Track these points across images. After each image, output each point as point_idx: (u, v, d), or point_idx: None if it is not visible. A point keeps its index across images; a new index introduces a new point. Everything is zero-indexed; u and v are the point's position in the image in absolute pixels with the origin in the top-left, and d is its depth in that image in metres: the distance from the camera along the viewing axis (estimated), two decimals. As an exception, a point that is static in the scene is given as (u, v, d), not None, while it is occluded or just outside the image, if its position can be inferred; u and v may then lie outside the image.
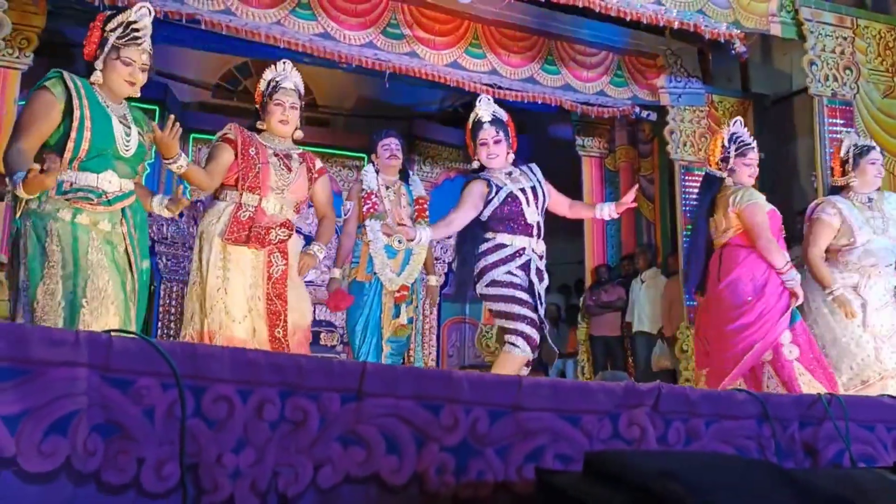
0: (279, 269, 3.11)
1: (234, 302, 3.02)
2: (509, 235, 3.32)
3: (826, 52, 6.15)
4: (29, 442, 1.33)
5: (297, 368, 1.62)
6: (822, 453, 2.02)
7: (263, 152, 3.17)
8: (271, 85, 3.26)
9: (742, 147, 3.66)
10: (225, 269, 3.04)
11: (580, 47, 6.87)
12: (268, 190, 3.12)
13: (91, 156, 2.52)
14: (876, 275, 3.64)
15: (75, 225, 2.49)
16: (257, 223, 3.07)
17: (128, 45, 2.62)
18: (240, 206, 3.09)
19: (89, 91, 2.56)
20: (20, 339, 1.36)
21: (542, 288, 3.35)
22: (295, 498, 1.55)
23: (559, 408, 1.79)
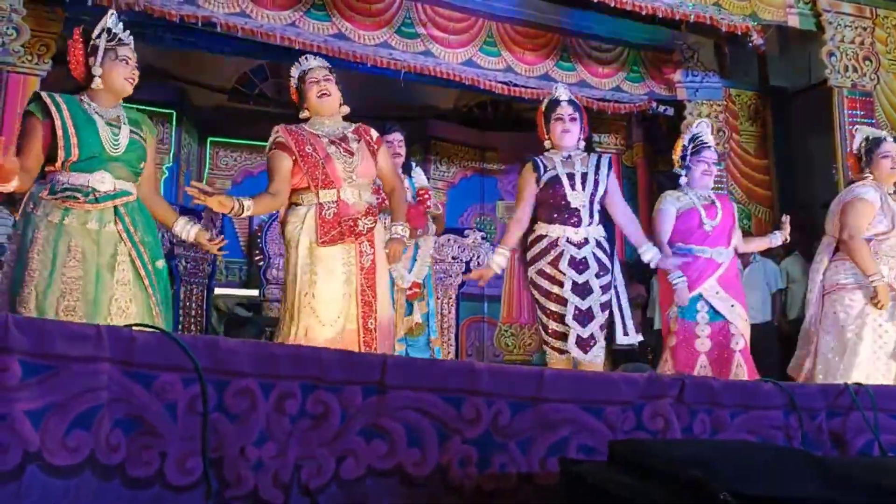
0: (369, 259, 2.98)
1: (323, 305, 2.89)
2: (546, 225, 3.35)
3: (845, 43, 6.08)
4: (53, 436, 1.34)
5: (318, 362, 1.62)
6: (851, 443, 1.98)
7: (320, 145, 3.01)
8: (299, 75, 3.15)
9: (698, 146, 3.83)
10: (312, 273, 2.91)
11: (595, 43, 6.84)
12: (340, 182, 2.97)
13: (83, 158, 2.63)
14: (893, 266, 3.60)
15: (61, 230, 2.58)
16: (344, 216, 2.94)
17: (120, 46, 2.75)
18: (321, 206, 2.95)
19: (72, 104, 2.68)
20: (42, 335, 1.37)
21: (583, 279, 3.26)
22: (318, 490, 1.55)
23: (582, 399, 1.78)
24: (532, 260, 3.36)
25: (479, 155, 9.06)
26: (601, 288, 3.29)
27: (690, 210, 3.76)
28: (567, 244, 3.29)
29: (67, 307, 2.53)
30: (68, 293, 2.54)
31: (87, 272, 2.58)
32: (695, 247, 3.73)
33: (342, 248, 2.94)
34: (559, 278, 3.27)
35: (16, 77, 5.44)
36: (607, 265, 3.35)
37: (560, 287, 3.26)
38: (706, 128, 3.95)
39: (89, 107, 2.70)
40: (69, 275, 2.55)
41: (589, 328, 3.23)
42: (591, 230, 3.33)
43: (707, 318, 3.68)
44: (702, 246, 3.73)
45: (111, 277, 2.63)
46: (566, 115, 3.42)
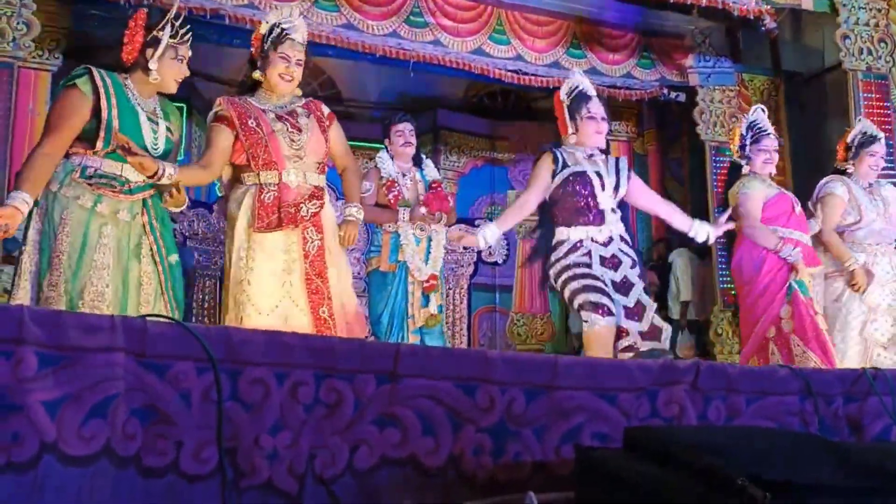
0: (315, 245, 2.84)
1: (260, 293, 2.76)
2: (566, 228, 3.19)
3: (859, 26, 5.99)
4: (69, 426, 1.35)
5: (331, 351, 1.62)
6: (868, 429, 1.97)
7: (264, 120, 2.83)
8: (275, 32, 2.88)
9: (758, 134, 3.80)
10: (249, 259, 2.77)
11: (605, 30, 6.78)
12: (284, 162, 2.80)
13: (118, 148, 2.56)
14: (881, 253, 3.84)
15: (93, 214, 2.51)
16: (284, 202, 2.78)
17: (183, 44, 2.69)
18: (261, 188, 2.80)
19: (118, 87, 2.59)
20: (57, 326, 1.38)
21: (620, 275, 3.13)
22: (332, 479, 1.55)
23: (596, 386, 1.77)
24: (557, 260, 3.17)
25: (490, 144, 9.03)
26: (640, 278, 3.18)
27: (781, 195, 3.74)
28: (592, 244, 3.15)
29: (96, 292, 2.48)
30: (97, 279, 2.48)
31: (118, 260, 2.54)
32: (794, 231, 3.67)
33: (283, 234, 2.80)
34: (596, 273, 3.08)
35: (26, 72, 5.46)
36: (636, 259, 3.24)
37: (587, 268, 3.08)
38: (763, 114, 3.89)
39: (133, 95, 2.63)
40: (99, 260, 2.49)
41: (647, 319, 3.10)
42: (614, 228, 3.21)
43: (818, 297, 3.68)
44: (798, 231, 3.69)
45: (138, 267, 2.59)
46: (599, 115, 3.26)
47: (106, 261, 2.50)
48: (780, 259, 3.58)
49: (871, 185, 3.93)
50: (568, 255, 3.16)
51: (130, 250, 2.58)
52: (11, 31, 5.19)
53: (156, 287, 2.65)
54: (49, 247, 2.48)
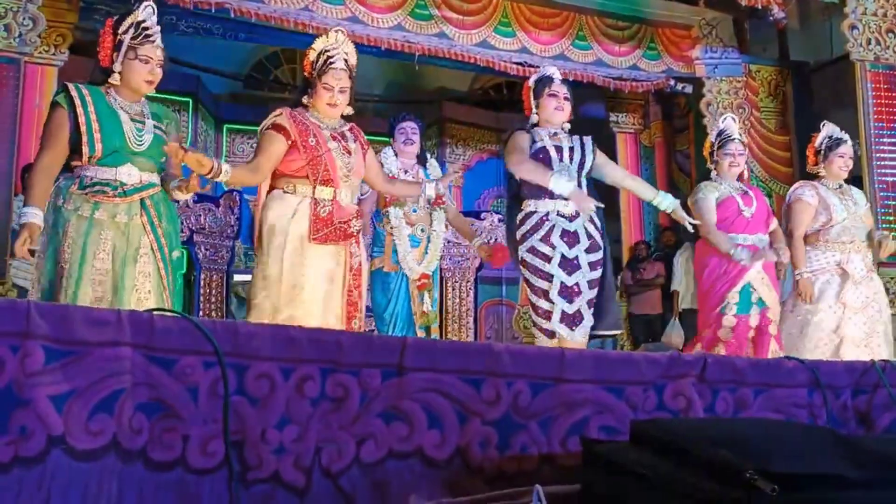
0: (357, 260, 3.01)
1: (311, 301, 2.88)
2: (534, 201, 3.28)
3: (867, 15, 5.94)
4: (76, 421, 1.35)
5: (337, 345, 1.62)
6: (877, 421, 1.96)
7: (322, 138, 2.97)
8: (321, 60, 3.01)
9: (724, 140, 3.94)
10: (303, 266, 2.88)
11: (611, 21, 6.75)
12: (339, 181, 2.96)
13: (106, 153, 2.65)
14: (854, 251, 3.92)
15: (91, 223, 2.61)
16: (338, 218, 2.93)
17: (143, 44, 2.71)
18: (316, 202, 2.92)
19: (97, 96, 2.68)
20: (64, 320, 1.38)
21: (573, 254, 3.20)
22: (339, 473, 1.55)
23: (602, 379, 1.76)
24: (523, 238, 3.28)
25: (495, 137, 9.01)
26: (590, 265, 3.23)
27: (728, 198, 3.85)
28: (557, 217, 3.23)
29: (97, 298, 2.59)
30: (98, 284, 2.60)
31: (114, 264, 2.64)
32: (738, 234, 3.78)
33: (333, 248, 2.95)
34: (549, 254, 3.20)
35: (33, 67, 5.48)
36: (599, 243, 3.30)
37: (548, 263, 3.19)
38: (732, 122, 4.01)
39: (115, 101, 2.70)
40: (98, 267, 2.61)
41: (575, 304, 3.16)
42: None
43: (758, 308, 3.76)
44: (744, 233, 3.79)
45: (134, 268, 2.68)
46: (561, 93, 3.38)
47: (105, 266, 2.62)
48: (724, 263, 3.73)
49: (841, 186, 4.05)
50: (534, 233, 3.24)
51: (128, 255, 2.67)
52: (17, 27, 5.20)
53: (155, 283, 2.72)
54: (54, 259, 2.61)
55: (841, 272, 3.89)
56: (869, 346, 3.81)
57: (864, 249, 3.95)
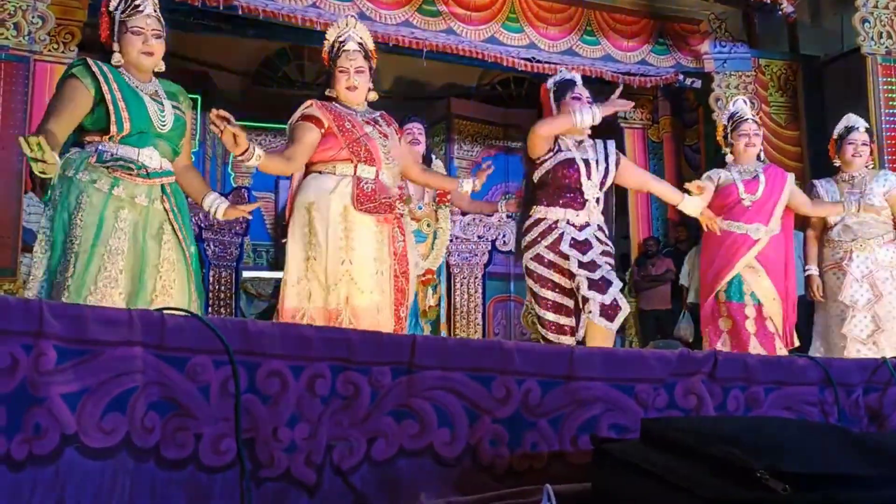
0: (401, 246, 2.93)
1: (363, 272, 2.79)
2: (545, 208, 3.25)
3: (878, 9, 5.90)
4: (89, 419, 1.36)
5: (347, 343, 1.62)
6: (889, 419, 1.95)
7: (357, 123, 2.91)
8: (335, 48, 2.98)
9: (738, 121, 3.90)
10: (349, 240, 2.79)
11: (619, 16, 6.73)
12: (381, 163, 2.89)
13: (132, 133, 2.54)
14: (858, 248, 3.89)
15: (109, 197, 2.47)
16: (382, 195, 2.87)
17: (132, 16, 2.59)
18: (360, 180, 2.84)
19: (116, 75, 2.57)
20: (77, 320, 1.39)
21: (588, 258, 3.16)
22: (350, 470, 1.56)
23: (612, 377, 1.76)
24: (528, 245, 3.23)
25: (503, 133, 9.00)
26: (606, 263, 3.19)
27: (729, 185, 3.80)
28: (567, 226, 3.19)
29: (109, 277, 2.43)
30: (111, 264, 2.44)
31: (134, 244, 2.50)
32: (734, 222, 3.76)
33: (376, 225, 2.85)
34: (559, 263, 3.16)
35: (42, 66, 5.50)
36: (610, 248, 3.27)
37: (556, 273, 3.16)
38: (743, 104, 3.98)
39: (130, 79, 2.59)
40: (114, 245, 2.45)
41: (610, 293, 3.09)
42: (592, 214, 3.25)
43: (753, 302, 3.72)
44: (739, 221, 3.76)
45: (157, 250, 2.55)
46: (585, 97, 3.30)
47: (121, 246, 2.47)
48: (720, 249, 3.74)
49: (854, 178, 3.99)
50: (541, 240, 3.20)
51: (149, 234, 2.54)
52: (27, 25, 5.22)
53: (184, 274, 2.61)
54: (64, 231, 2.44)
55: (840, 271, 3.90)
56: (877, 343, 3.79)
57: (870, 248, 3.89)
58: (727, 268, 3.72)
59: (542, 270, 3.18)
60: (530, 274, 3.23)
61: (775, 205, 3.81)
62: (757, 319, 3.71)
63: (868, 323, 3.81)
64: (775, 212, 3.81)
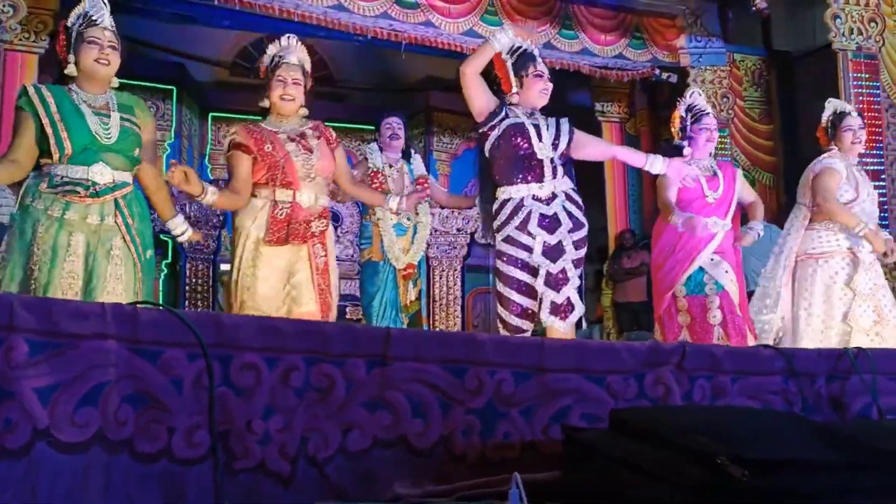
0: (322, 261, 3.08)
1: (264, 297, 2.98)
2: (508, 187, 3.13)
3: (850, 5, 5.99)
4: (62, 413, 1.36)
5: (322, 335, 1.64)
6: (850, 407, 2.00)
7: (279, 143, 3.04)
8: (274, 60, 3.12)
9: (698, 114, 3.86)
10: (255, 268, 2.99)
11: (597, 10, 6.76)
12: (299, 182, 3.03)
13: (77, 152, 2.61)
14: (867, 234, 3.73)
15: (62, 224, 2.58)
16: (294, 219, 3.01)
17: (89, 27, 2.68)
18: (275, 205, 3.01)
19: (59, 94, 2.65)
20: (49, 314, 1.39)
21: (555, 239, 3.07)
22: (324, 461, 1.57)
23: (584, 368, 1.79)
24: (499, 228, 3.14)
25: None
26: (574, 244, 3.10)
27: (694, 180, 3.75)
28: (533, 202, 3.08)
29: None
30: (68, 287, 2.57)
31: (86, 265, 2.61)
32: (694, 215, 3.71)
33: (289, 250, 3.02)
34: (528, 244, 3.06)
35: (13, 55, 5.43)
36: (581, 220, 3.15)
37: (528, 253, 3.06)
38: (700, 97, 3.97)
39: (77, 96, 2.66)
40: (68, 269, 2.57)
41: (564, 292, 3.03)
42: (557, 183, 3.12)
43: (715, 289, 3.68)
44: (699, 215, 3.71)
45: (106, 269, 2.65)
46: (546, 75, 3.23)
47: (76, 269, 2.59)
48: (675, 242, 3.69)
49: (857, 163, 3.93)
50: (509, 221, 3.10)
51: (100, 254, 2.64)
52: (-3, 14, 5.14)
53: (126, 286, 2.69)
54: (25, 257, 2.57)
55: (852, 257, 3.70)
56: (880, 334, 3.65)
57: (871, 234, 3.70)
58: (687, 262, 3.67)
59: (513, 251, 3.09)
60: (500, 255, 3.15)
61: (731, 201, 3.78)
62: (724, 308, 3.65)
63: (871, 312, 3.67)
64: (731, 208, 3.78)
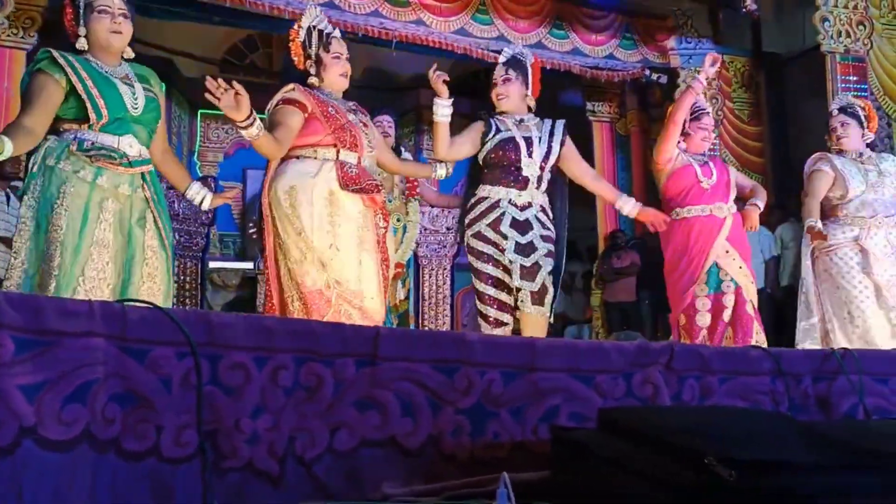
0: (381, 232, 2.92)
1: (347, 258, 2.77)
2: (490, 187, 3.24)
3: (839, 8, 6.03)
4: (49, 411, 1.35)
5: (311, 334, 1.63)
6: (836, 407, 2.02)
7: (341, 111, 2.89)
8: (319, 35, 2.95)
9: (698, 112, 3.80)
10: (334, 225, 2.76)
11: (588, 10, 6.78)
12: (364, 149, 2.90)
13: (111, 121, 2.51)
14: (876, 226, 3.69)
15: (94, 188, 2.45)
16: (364, 179, 2.85)
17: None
18: (343, 164, 2.82)
19: (84, 63, 2.53)
20: (36, 311, 1.38)
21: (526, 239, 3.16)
22: (313, 460, 1.57)
23: (573, 368, 1.80)
24: (470, 223, 3.24)
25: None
26: (546, 248, 3.18)
27: (685, 167, 3.71)
28: (509, 205, 3.19)
29: (97, 269, 2.42)
30: (98, 255, 2.43)
31: (120, 235, 2.49)
32: (695, 206, 3.67)
33: (362, 209, 2.84)
34: (499, 242, 3.15)
35: (0, 51, 5.38)
36: (551, 234, 3.25)
37: (497, 249, 3.15)
38: (701, 96, 3.95)
39: (98, 65, 2.54)
40: (100, 236, 2.44)
41: (538, 281, 3.12)
42: (535, 194, 3.24)
43: (732, 286, 3.61)
44: (699, 204, 3.67)
45: (142, 238, 2.55)
46: (499, 79, 3.35)
47: (107, 237, 2.46)
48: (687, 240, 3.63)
49: (862, 155, 3.80)
50: (481, 219, 3.19)
51: (134, 223, 2.54)
52: (-16, 9, 5.10)
53: (165, 262, 2.61)
54: (47, 220, 2.40)
55: (860, 249, 3.65)
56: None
57: (891, 225, 3.68)
58: (703, 255, 3.59)
59: (483, 247, 3.18)
60: (471, 251, 3.24)
61: (729, 184, 3.75)
62: (736, 306, 3.60)
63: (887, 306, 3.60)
64: (731, 191, 3.75)
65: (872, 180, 3.72)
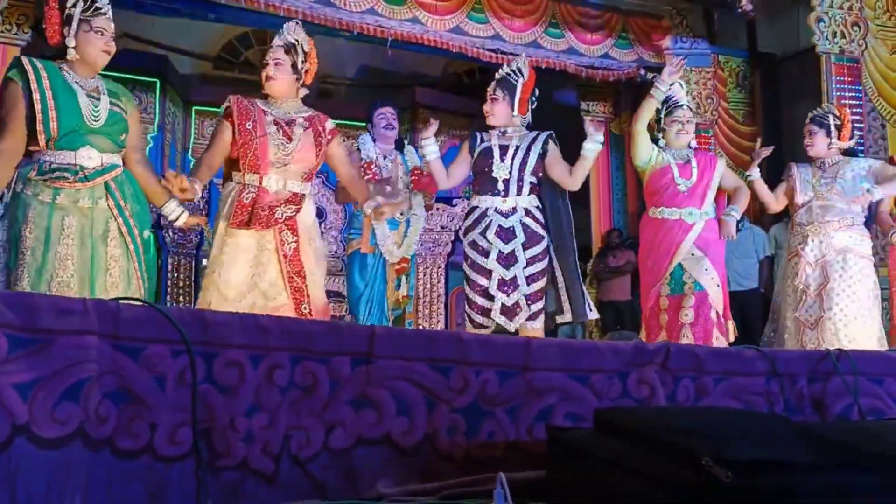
0: (291, 247, 3.01)
1: (227, 282, 2.94)
2: (478, 196, 3.49)
3: (833, 9, 6.05)
4: (42, 409, 1.34)
5: (307, 333, 1.63)
6: (831, 408, 2.02)
7: (261, 123, 3.01)
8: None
9: (672, 106, 3.85)
10: (222, 253, 2.98)
11: (584, 9, 6.77)
12: (268, 167, 2.98)
13: (63, 134, 2.57)
14: (812, 233, 3.89)
15: (53, 208, 2.55)
16: (260, 204, 2.96)
17: (95, 16, 2.67)
18: (243, 188, 2.99)
19: (52, 71, 2.60)
20: (29, 309, 1.37)
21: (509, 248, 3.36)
22: (308, 459, 1.57)
23: (568, 367, 1.80)
24: (466, 231, 3.50)
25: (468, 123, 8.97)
26: (528, 259, 3.36)
27: (663, 168, 3.73)
28: (494, 213, 3.41)
29: (61, 283, 2.54)
30: (62, 270, 2.54)
31: (82, 248, 2.58)
32: (666, 208, 3.72)
33: (255, 235, 2.98)
34: (487, 248, 3.37)
35: (-6, 47, 5.35)
36: (539, 235, 3.41)
37: (485, 259, 3.37)
38: (678, 89, 3.91)
39: (69, 76, 2.63)
40: (63, 252, 2.55)
41: (513, 297, 3.34)
42: (520, 200, 3.42)
43: (693, 289, 3.65)
44: (671, 207, 3.72)
45: (105, 252, 2.63)
46: (489, 96, 3.54)
47: (70, 252, 2.56)
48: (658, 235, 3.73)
49: (824, 164, 3.94)
50: (473, 228, 3.45)
51: (96, 237, 2.62)
52: (-23, 5, 5.07)
53: (126, 268, 2.68)
54: (16, 245, 2.55)
55: (798, 256, 3.91)
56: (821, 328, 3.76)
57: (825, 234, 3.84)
58: (667, 258, 3.67)
59: (476, 257, 3.42)
60: (466, 258, 3.49)
61: (707, 188, 3.75)
62: (698, 308, 3.63)
63: (817, 309, 3.82)
64: (707, 195, 3.75)
65: (822, 189, 3.88)
